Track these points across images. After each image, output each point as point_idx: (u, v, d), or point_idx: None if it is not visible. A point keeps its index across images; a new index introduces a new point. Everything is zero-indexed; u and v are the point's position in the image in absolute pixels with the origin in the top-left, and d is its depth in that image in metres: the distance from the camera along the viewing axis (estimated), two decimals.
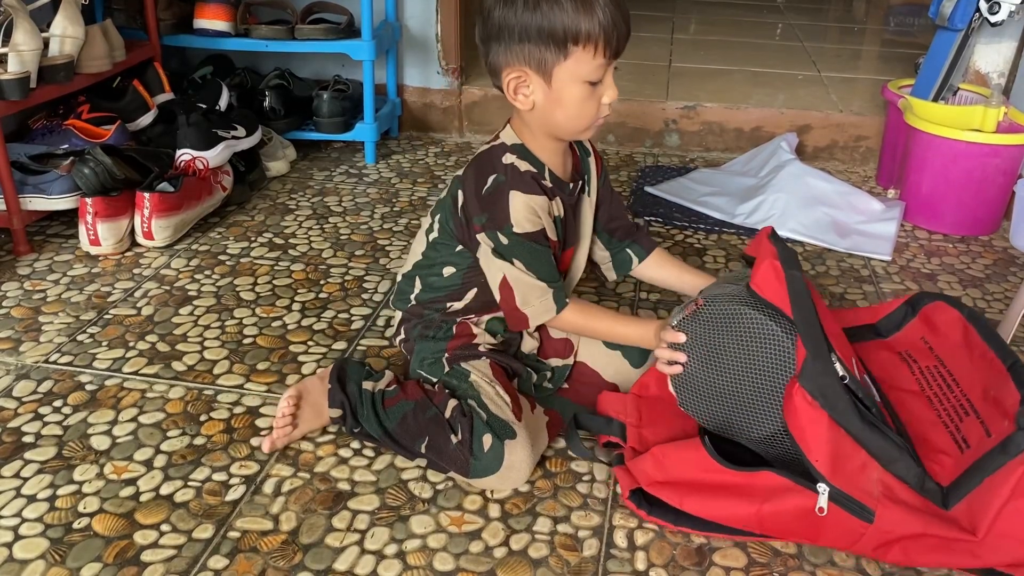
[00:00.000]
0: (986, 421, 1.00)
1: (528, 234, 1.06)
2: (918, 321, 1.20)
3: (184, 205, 1.66)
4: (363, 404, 1.11)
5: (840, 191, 1.87)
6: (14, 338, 1.34)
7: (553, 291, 1.09)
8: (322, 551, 0.95)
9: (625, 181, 2.08)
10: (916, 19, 3.68)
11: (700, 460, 0.98)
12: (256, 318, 1.42)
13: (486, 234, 1.07)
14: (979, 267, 1.70)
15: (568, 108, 1.04)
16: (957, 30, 1.89)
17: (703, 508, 0.98)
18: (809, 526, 0.95)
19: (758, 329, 0.98)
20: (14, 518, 0.99)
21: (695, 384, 1.03)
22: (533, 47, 1.01)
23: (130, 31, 1.99)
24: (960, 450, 0.99)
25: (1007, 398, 1.00)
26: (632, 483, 1.02)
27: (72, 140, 1.76)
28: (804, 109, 2.24)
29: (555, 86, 1.03)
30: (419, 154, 2.23)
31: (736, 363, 1.00)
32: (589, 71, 1.01)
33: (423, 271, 1.18)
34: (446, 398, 1.09)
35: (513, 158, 1.08)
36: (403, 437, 1.08)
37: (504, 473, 1.03)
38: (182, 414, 1.17)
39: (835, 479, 0.93)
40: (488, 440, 1.03)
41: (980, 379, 1.07)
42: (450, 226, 1.13)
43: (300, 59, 2.31)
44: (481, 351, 1.14)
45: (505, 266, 1.08)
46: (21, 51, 1.56)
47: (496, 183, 1.06)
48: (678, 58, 2.79)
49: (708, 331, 1.01)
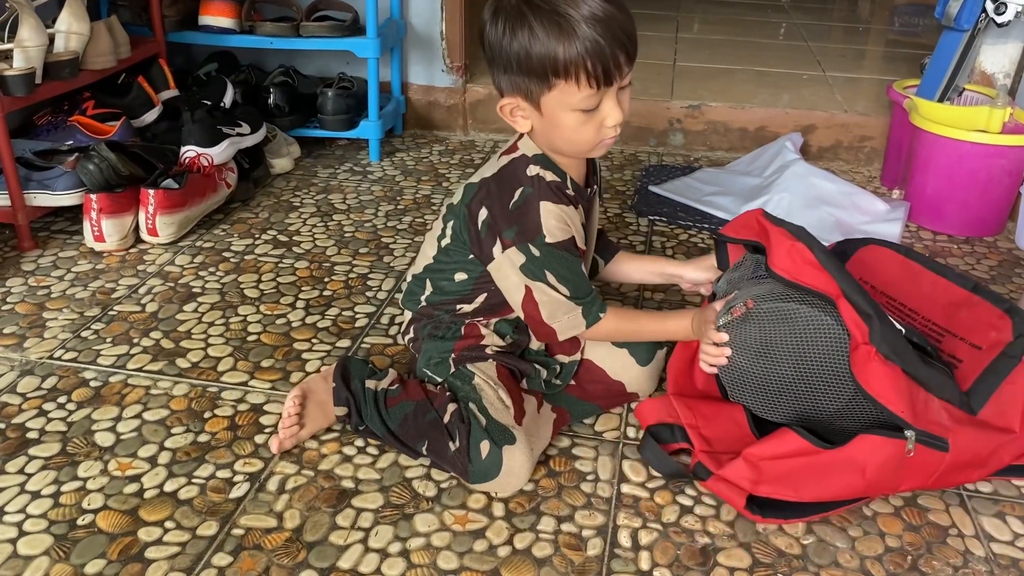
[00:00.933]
0: (967, 338, 1.08)
1: (560, 243, 1.04)
2: (851, 265, 1.22)
3: (188, 202, 1.66)
4: (367, 402, 1.11)
5: (845, 191, 1.86)
6: (18, 334, 1.34)
7: (582, 307, 1.07)
8: (326, 549, 0.95)
9: (629, 180, 2.08)
10: (921, 19, 3.67)
11: (797, 448, 0.99)
12: (260, 315, 1.42)
13: (517, 248, 1.04)
14: (984, 268, 1.70)
15: (564, 133, 1.02)
16: (963, 30, 1.89)
17: (819, 492, 1.00)
18: (897, 472, 0.99)
19: (813, 323, 1.02)
20: (18, 514, 0.99)
21: (749, 379, 1.07)
22: (516, 77, 1.00)
23: (135, 27, 1.99)
24: (954, 367, 1.07)
25: (983, 315, 1.09)
26: (739, 493, 1.01)
27: (77, 136, 1.76)
28: (809, 109, 2.24)
29: (546, 113, 1.01)
30: (423, 152, 2.23)
31: (792, 356, 1.03)
32: (578, 101, 0.98)
33: (434, 274, 1.17)
34: (446, 401, 1.09)
35: (538, 169, 1.06)
36: (405, 437, 1.09)
37: (502, 479, 1.03)
38: (186, 411, 1.18)
39: (917, 422, 0.96)
40: (486, 447, 1.02)
41: (938, 305, 1.14)
42: (464, 236, 1.11)
43: (305, 56, 2.31)
44: (488, 353, 1.14)
45: (532, 283, 1.06)
46: (26, 47, 1.56)
47: (524, 196, 1.04)
48: (682, 57, 2.78)
49: (758, 330, 1.04)
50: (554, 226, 1.04)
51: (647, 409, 1.14)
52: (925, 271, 1.17)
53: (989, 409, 1.02)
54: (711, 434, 1.09)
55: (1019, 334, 1.04)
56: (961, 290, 1.13)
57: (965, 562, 0.98)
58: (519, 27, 0.96)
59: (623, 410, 1.21)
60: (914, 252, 1.21)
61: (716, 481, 1.03)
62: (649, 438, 1.09)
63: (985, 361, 1.05)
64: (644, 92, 2.32)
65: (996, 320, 1.07)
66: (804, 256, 1.02)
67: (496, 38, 0.99)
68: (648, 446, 1.09)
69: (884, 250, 1.22)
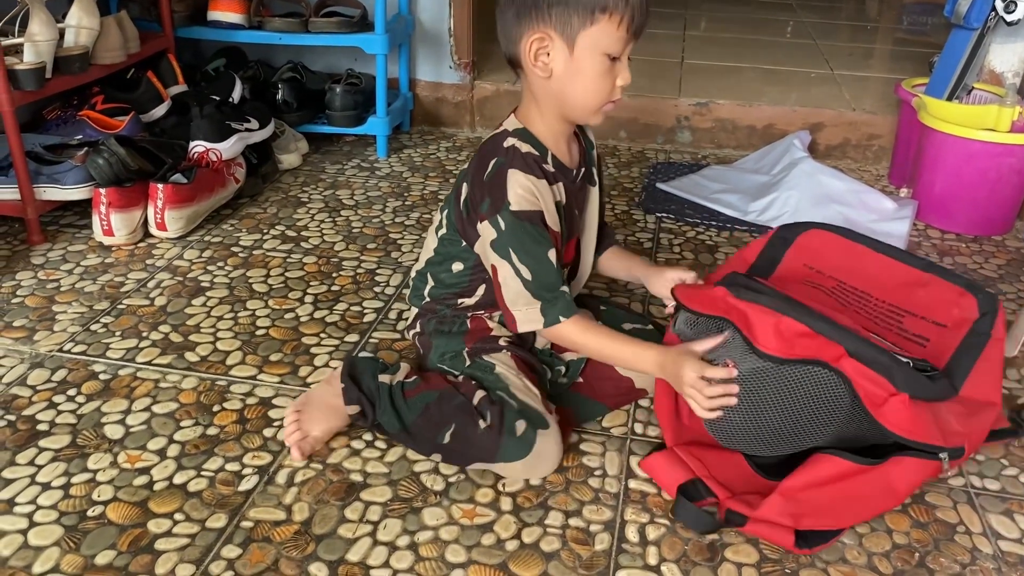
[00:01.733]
0: (928, 316, 1.10)
1: (525, 212, 1.03)
2: (794, 251, 1.21)
3: (197, 197, 1.67)
4: (380, 397, 1.10)
5: (853, 189, 1.86)
6: (28, 327, 1.35)
7: (542, 303, 1.05)
8: (335, 542, 0.96)
9: (637, 177, 2.07)
10: (929, 18, 3.66)
11: (834, 474, 0.96)
12: (269, 310, 1.42)
13: (489, 222, 1.05)
14: (992, 267, 1.70)
15: (585, 80, 1.04)
16: (972, 29, 1.88)
17: (858, 516, 1.00)
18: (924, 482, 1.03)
19: (800, 376, 0.97)
20: (29, 505, 0.99)
21: (738, 432, 1.01)
22: (561, 9, 1.01)
23: (144, 23, 1.99)
24: (922, 345, 1.08)
25: (941, 293, 1.10)
26: (785, 532, 0.97)
27: (86, 131, 1.77)
28: (817, 107, 2.24)
29: (576, 54, 1.03)
30: (430, 148, 2.23)
31: (783, 409, 0.98)
32: (611, 43, 1.02)
33: (434, 267, 1.18)
34: (474, 388, 1.09)
35: (515, 141, 1.07)
36: (424, 428, 1.07)
37: (531, 460, 1.03)
38: (195, 404, 1.18)
39: (947, 442, 0.97)
40: (521, 426, 1.03)
41: (891, 286, 1.14)
42: (455, 221, 1.13)
43: (313, 52, 2.32)
44: (501, 344, 1.14)
45: (498, 261, 1.05)
46: (37, 41, 1.57)
47: (496, 165, 1.06)
48: (690, 55, 2.78)
49: (744, 391, 0.98)
50: (519, 195, 1.04)
51: (656, 465, 1.07)
52: (869, 252, 1.17)
53: (970, 386, 1.03)
54: (725, 479, 1.03)
55: (984, 311, 1.06)
56: (913, 270, 1.13)
57: (973, 559, 0.98)
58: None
59: (631, 406, 1.21)
60: (855, 233, 1.20)
61: (756, 524, 0.98)
62: (682, 498, 1.01)
63: (952, 338, 1.07)
64: (652, 89, 2.32)
65: (956, 297, 1.09)
66: (794, 329, 0.96)
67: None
68: (682, 506, 1.00)
69: (825, 233, 1.21)
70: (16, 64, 1.54)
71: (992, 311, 1.06)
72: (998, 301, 1.07)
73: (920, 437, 0.95)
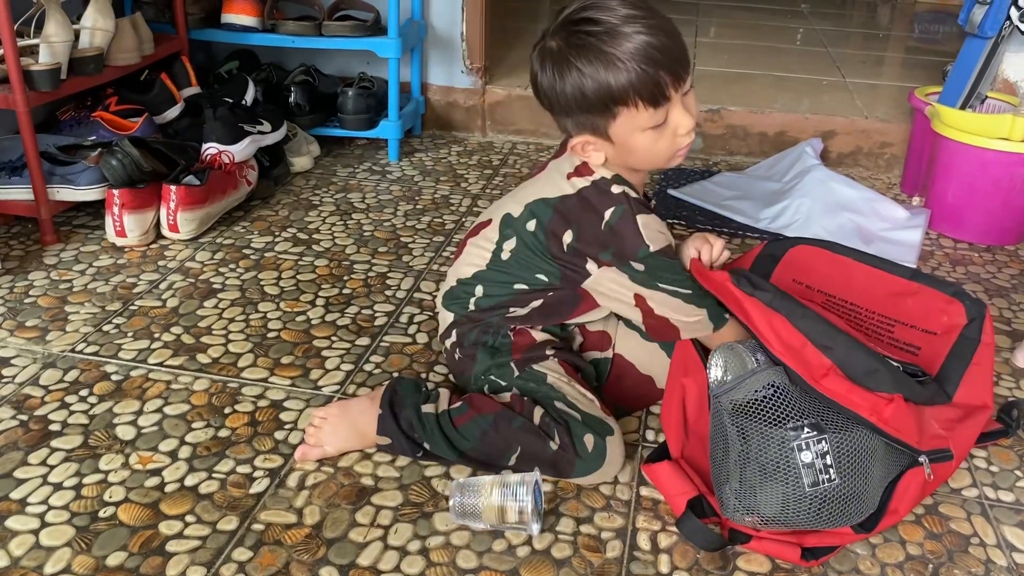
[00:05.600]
0: (919, 325, 1.10)
1: (663, 249, 1.05)
2: (783, 267, 1.21)
3: (210, 198, 1.67)
4: (426, 428, 1.06)
5: (865, 197, 1.86)
6: (41, 327, 1.35)
7: (707, 309, 1.06)
8: (346, 546, 0.96)
9: (648, 183, 2.07)
10: (941, 26, 3.66)
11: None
12: (280, 312, 1.42)
13: (619, 269, 1.05)
14: (1005, 277, 1.69)
15: (639, 152, 1.04)
16: (987, 37, 1.88)
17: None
18: (923, 494, 1.02)
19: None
20: (40, 505, 0.99)
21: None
22: (579, 116, 1.02)
23: (159, 25, 2.00)
24: (914, 354, 1.09)
25: (929, 301, 1.10)
26: (791, 547, 0.96)
27: (100, 132, 1.77)
28: (829, 114, 2.23)
29: (617, 141, 1.03)
30: (442, 153, 2.23)
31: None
32: (644, 120, 1.00)
33: (488, 283, 1.14)
34: (530, 405, 1.07)
35: (623, 187, 1.07)
36: (485, 456, 1.05)
37: (606, 469, 1.04)
38: (207, 406, 1.18)
39: (922, 444, 0.97)
40: (590, 440, 1.04)
41: (879, 297, 1.14)
42: (535, 254, 1.10)
43: (326, 56, 2.32)
44: (548, 353, 1.12)
45: (647, 292, 1.05)
46: (52, 42, 1.57)
47: (618, 214, 1.05)
48: (701, 61, 2.78)
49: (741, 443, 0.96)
50: (655, 234, 1.04)
51: (662, 475, 1.06)
52: (855, 263, 1.17)
53: (963, 391, 1.04)
54: None
55: (972, 317, 1.07)
56: (901, 279, 1.13)
57: (987, 571, 0.97)
58: (566, 69, 0.99)
59: (642, 413, 1.21)
60: (839, 245, 1.19)
61: (760, 542, 0.97)
62: (690, 514, 0.99)
63: (943, 345, 1.08)
64: None
65: (944, 305, 1.09)
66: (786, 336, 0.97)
67: (549, 85, 1.02)
68: (688, 522, 0.99)
69: (811, 248, 1.21)
70: (32, 65, 1.54)
71: (980, 316, 1.07)
72: (985, 307, 1.08)
73: (894, 433, 0.94)
